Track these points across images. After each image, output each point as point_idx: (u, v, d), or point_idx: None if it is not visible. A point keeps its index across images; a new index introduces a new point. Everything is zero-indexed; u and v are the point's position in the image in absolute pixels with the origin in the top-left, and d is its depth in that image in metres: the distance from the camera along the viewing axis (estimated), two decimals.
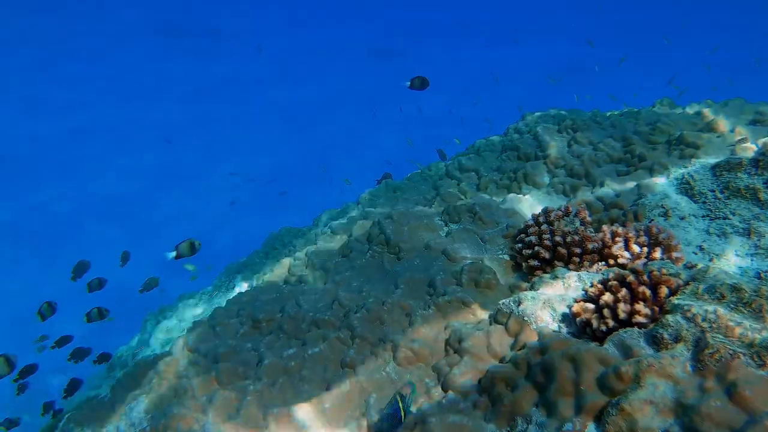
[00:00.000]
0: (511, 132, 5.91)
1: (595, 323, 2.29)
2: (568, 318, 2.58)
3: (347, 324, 3.17)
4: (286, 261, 4.95)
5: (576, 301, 2.56)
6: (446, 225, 4.27)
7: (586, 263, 3.34)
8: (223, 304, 5.42)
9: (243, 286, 5.57)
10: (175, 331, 6.15)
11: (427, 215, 4.35)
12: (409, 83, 5.57)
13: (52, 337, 7.53)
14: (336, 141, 28.10)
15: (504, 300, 2.89)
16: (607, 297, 2.31)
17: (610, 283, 2.37)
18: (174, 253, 4.82)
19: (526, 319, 2.66)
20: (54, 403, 5.65)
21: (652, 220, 3.82)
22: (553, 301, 2.68)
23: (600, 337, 2.29)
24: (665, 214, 3.83)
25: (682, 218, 3.79)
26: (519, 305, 2.75)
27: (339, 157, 26.22)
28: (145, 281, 6.58)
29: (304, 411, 2.72)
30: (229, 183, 24.39)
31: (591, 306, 2.38)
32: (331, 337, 3.13)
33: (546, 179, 4.77)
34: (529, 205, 4.38)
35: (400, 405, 2.29)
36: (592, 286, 2.50)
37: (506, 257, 3.74)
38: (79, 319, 5.71)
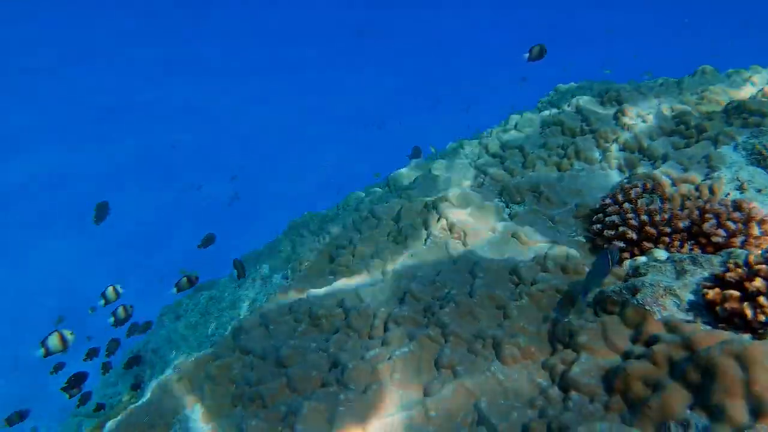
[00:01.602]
0: (545, 106, 5.68)
1: (749, 312, 2.11)
2: (697, 306, 2.39)
3: (436, 320, 2.94)
4: (328, 249, 4.68)
5: (706, 287, 2.37)
6: (507, 206, 4.05)
7: (676, 243, 3.16)
8: (262, 297, 5.14)
9: (276, 277, 5.29)
10: (199, 327, 5.84)
11: (486, 197, 4.11)
12: (528, 54, 5.27)
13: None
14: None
15: (611, 287, 2.68)
16: (759, 283, 2.13)
17: (757, 267, 2.18)
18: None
19: (647, 308, 2.46)
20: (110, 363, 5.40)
21: (729, 194, 3.65)
22: (674, 287, 2.49)
23: (756, 329, 2.11)
24: (740, 188, 3.67)
25: (759, 191, 3.63)
26: (635, 293, 2.55)
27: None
28: (204, 237, 6.12)
29: (409, 422, 2.50)
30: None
31: (735, 293, 2.19)
32: (418, 336, 2.89)
33: (597, 155, 4.56)
34: (587, 182, 4.18)
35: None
36: (727, 270, 2.30)
37: (582, 239, 3.55)
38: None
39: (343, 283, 3.96)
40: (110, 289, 4.14)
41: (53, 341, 3.25)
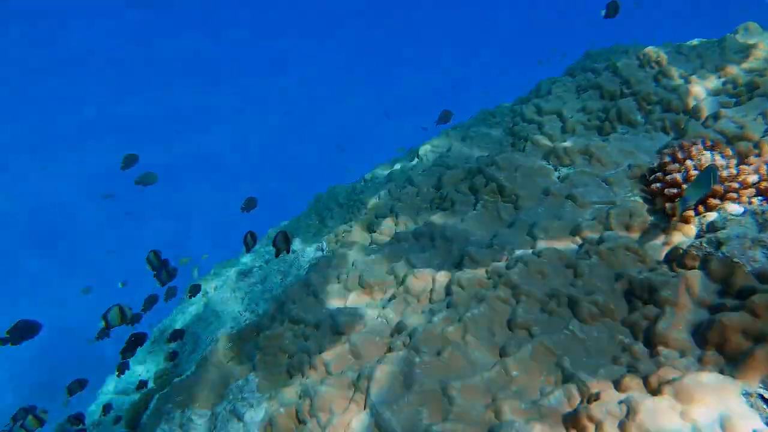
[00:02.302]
0: (578, 71, 5.55)
1: None
2: None
3: (505, 281, 2.87)
4: (365, 219, 4.59)
5: None
6: (556, 169, 3.96)
7: (745, 198, 3.08)
8: (294, 271, 5.05)
9: (309, 251, 5.19)
10: (230, 302, 5.77)
11: (534, 159, 4.02)
12: (604, 11, 5.14)
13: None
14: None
15: (692, 241, 2.62)
16: None
17: None
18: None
19: (735, 260, 2.39)
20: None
21: None
22: (763, 239, 2.42)
23: None
24: None
25: None
26: (719, 246, 2.48)
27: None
28: (246, 200, 5.95)
29: (491, 382, 2.44)
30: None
31: None
32: (488, 296, 2.82)
33: (639, 117, 4.46)
34: (633, 144, 4.08)
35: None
36: None
37: (639, 199, 3.47)
38: None
39: (389, 250, 3.88)
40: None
41: (113, 315, 3.17)
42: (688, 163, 3.23)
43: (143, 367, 7.06)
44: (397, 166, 5.73)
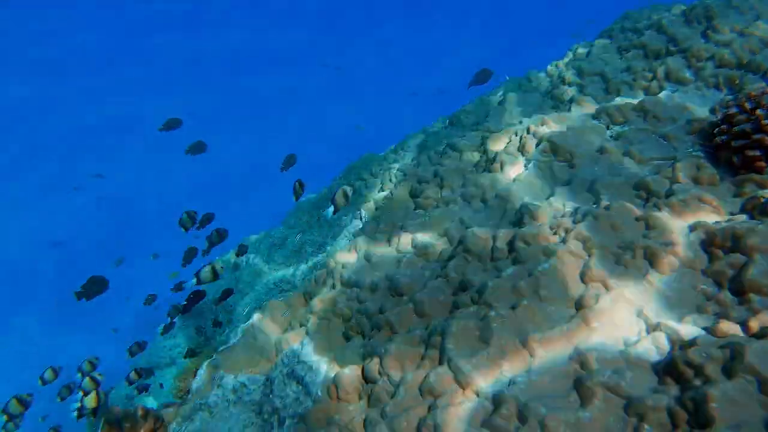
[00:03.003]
0: (616, 32, 5.40)
1: None
2: None
3: (575, 234, 2.79)
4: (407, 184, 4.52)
5: None
6: (607, 128, 3.86)
7: None
8: (331, 241, 5.00)
9: (345, 220, 5.13)
10: (263, 274, 5.73)
11: (583, 119, 3.91)
12: None
13: None
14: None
15: None
16: None
17: None
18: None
19: None
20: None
21: None
22: None
23: None
24: None
25: None
26: None
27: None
28: (286, 157, 5.81)
29: (571, 334, 2.38)
30: None
31: None
32: (558, 251, 2.75)
33: (689, 74, 4.33)
34: (685, 101, 3.96)
35: None
36: None
37: (701, 153, 3.37)
38: None
39: (439, 213, 3.81)
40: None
41: (206, 272, 3.14)
42: (759, 112, 3.12)
43: (172, 342, 7.09)
44: (432, 138, 5.63)
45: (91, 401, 3.91)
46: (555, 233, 2.96)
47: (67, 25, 32.00)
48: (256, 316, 3.97)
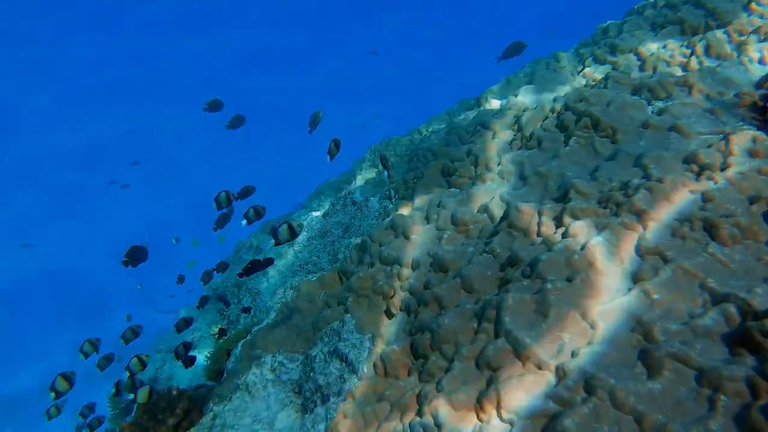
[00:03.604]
0: (647, 8, 5.29)
1: None
2: None
3: (629, 207, 2.72)
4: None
5: None
6: (649, 103, 3.77)
7: None
8: (357, 222, 4.95)
9: (373, 201, 5.07)
10: (289, 256, 5.69)
11: (624, 94, 3.83)
12: None
13: None
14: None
15: None
16: None
17: None
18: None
19: None
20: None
21: None
22: None
23: None
24: None
25: None
26: None
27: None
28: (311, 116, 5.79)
29: (632, 305, 2.33)
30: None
31: None
32: (611, 224, 2.69)
33: (731, 49, 4.22)
34: (730, 74, 3.86)
35: None
36: None
37: (751, 127, 3.29)
38: None
39: (477, 190, 3.75)
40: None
41: (283, 232, 3.09)
42: None
43: (194, 325, 7.07)
44: (461, 116, 5.55)
45: (143, 396, 3.89)
46: (605, 207, 2.89)
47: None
48: (290, 296, 3.94)
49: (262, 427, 3.29)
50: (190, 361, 4.43)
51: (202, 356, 6.20)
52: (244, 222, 4.42)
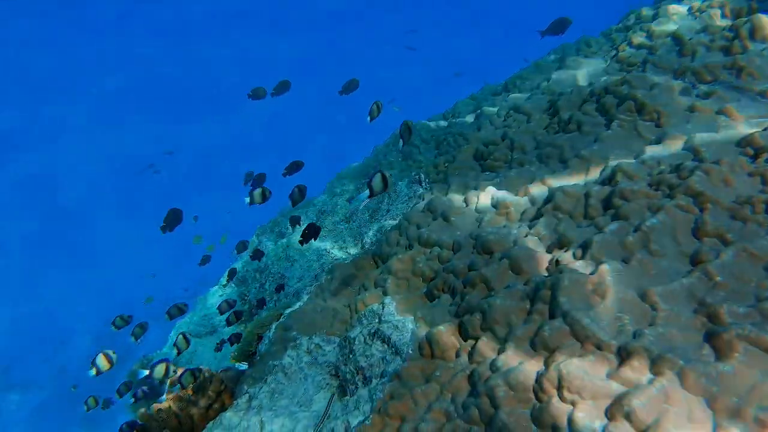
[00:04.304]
0: None
1: None
2: None
3: (685, 188, 2.67)
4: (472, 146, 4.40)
5: None
6: (694, 87, 3.70)
7: None
8: (385, 207, 4.90)
9: (401, 186, 5.02)
10: (313, 241, 5.66)
11: (667, 77, 3.76)
12: None
13: None
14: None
15: None
16: None
17: None
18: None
19: None
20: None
21: None
22: None
23: None
24: None
25: None
26: None
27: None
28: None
29: (693, 287, 2.28)
30: None
31: None
32: (666, 206, 2.64)
33: None
34: None
35: None
36: None
37: None
38: None
39: (515, 173, 3.69)
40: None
41: (377, 181, 3.03)
42: None
43: (213, 310, 7.08)
44: (489, 101, 5.48)
45: (160, 372, 3.87)
46: (657, 189, 2.84)
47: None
48: (324, 278, 3.90)
49: (300, 408, 3.27)
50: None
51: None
52: (247, 200, 4.35)
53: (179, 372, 3.87)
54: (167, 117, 26.53)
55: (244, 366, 4.41)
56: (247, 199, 4.26)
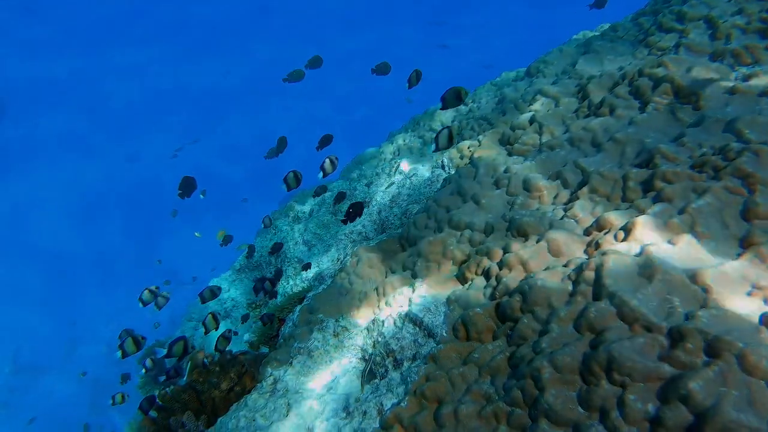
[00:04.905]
0: None
1: None
2: None
3: (733, 170, 2.59)
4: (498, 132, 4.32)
5: None
6: (732, 69, 3.61)
7: None
8: (406, 191, 4.84)
9: (422, 170, 4.95)
10: (332, 225, 5.60)
11: (703, 59, 3.67)
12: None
13: None
14: None
15: None
16: None
17: None
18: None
19: None
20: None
21: None
22: None
23: None
24: None
25: None
26: None
27: None
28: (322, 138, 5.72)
29: (744, 271, 2.21)
30: None
31: None
32: (711, 187, 2.57)
33: None
34: None
35: None
36: None
37: None
38: None
39: (545, 157, 3.62)
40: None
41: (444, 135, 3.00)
42: None
43: (227, 295, 7.05)
44: (510, 87, 5.39)
45: (179, 350, 3.84)
46: (701, 172, 2.76)
47: None
48: (349, 261, 3.85)
49: (327, 391, 3.23)
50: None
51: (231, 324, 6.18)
52: (285, 187, 4.32)
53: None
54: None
55: (265, 350, 4.37)
56: (284, 186, 4.22)
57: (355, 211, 3.70)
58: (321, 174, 3.80)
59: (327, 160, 3.72)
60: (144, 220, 21.43)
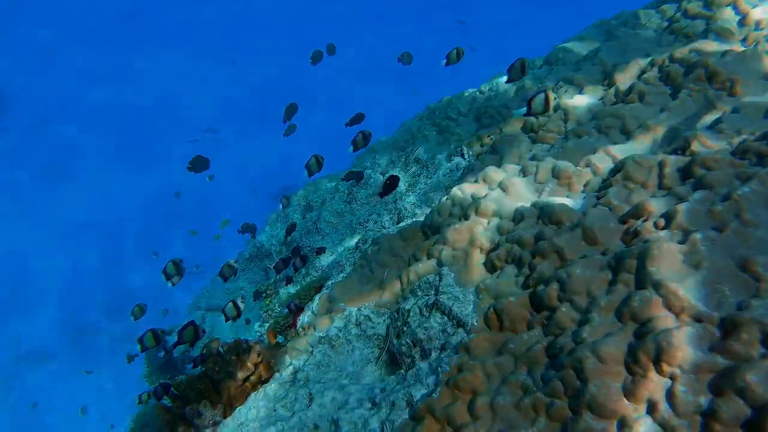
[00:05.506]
0: None
1: None
2: None
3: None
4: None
5: None
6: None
7: None
8: (423, 181, 4.75)
9: (440, 158, 4.85)
10: (347, 214, 5.52)
11: (735, 44, 3.57)
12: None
13: None
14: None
15: None
16: None
17: None
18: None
19: None
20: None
21: None
22: None
23: None
24: None
25: None
26: None
27: None
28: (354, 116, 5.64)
29: None
30: None
31: None
32: (756, 173, 2.48)
33: None
34: None
35: None
36: None
37: None
38: None
39: (573, 144, 3.53)
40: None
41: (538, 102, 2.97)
42: None
43: (234, 284, 6.98)
44: (528, 76, 5.28)
45: (189, 336, 3.77)
46: (743, 158, 2.67)
47: None
48: (371, 249, 3.77)
49: (349, 381, 3.16)
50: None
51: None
52: (306, 173, 4.25)
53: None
54: None
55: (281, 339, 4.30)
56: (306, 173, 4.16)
57: (392, 183, 3.61)
58: (306, 173, 3.73)
59: (313, 158, 3.63)
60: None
